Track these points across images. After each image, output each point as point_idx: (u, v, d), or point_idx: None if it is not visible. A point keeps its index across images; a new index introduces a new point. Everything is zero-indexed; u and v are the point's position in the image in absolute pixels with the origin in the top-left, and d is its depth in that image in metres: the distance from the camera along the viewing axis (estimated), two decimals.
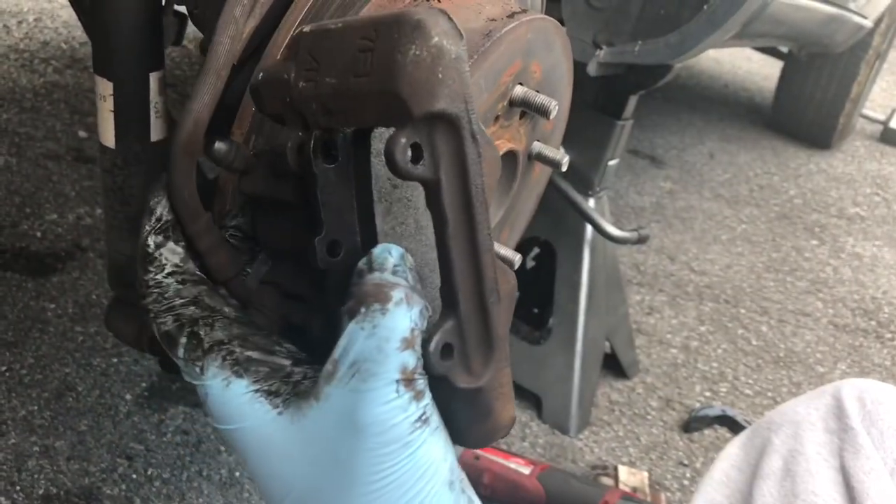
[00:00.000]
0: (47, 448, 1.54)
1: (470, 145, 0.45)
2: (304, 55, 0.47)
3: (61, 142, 2.53)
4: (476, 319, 0.47)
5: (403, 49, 0.41)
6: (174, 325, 0.51)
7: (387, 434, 0.43)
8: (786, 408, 1.08)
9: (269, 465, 0.46)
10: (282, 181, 0.52)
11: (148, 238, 0.54)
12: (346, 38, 0.44)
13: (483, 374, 0.48)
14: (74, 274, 1.99)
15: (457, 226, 0.45)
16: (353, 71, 0.43)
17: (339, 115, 0.45)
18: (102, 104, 0.79)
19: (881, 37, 3.76)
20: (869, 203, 3.59)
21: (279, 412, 0.46)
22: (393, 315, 0.43)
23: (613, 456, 1.87)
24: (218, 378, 0.48)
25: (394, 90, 0.41)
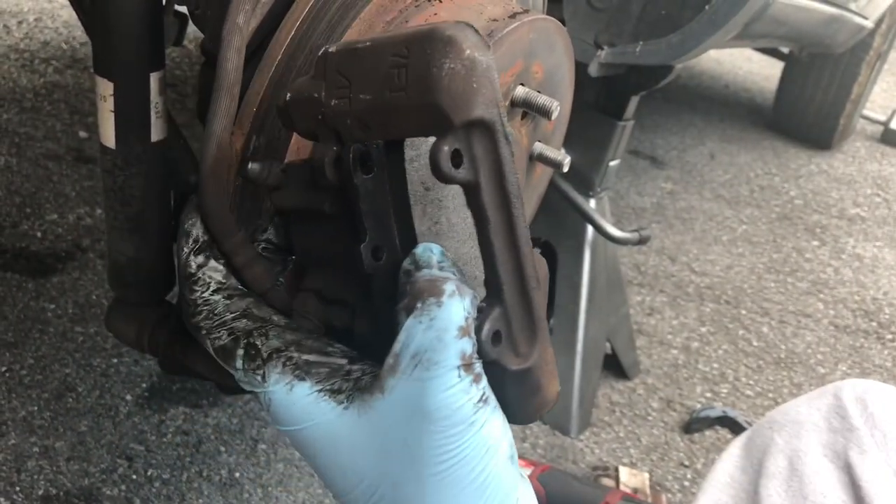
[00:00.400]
0: (47, 449, 1.54)
1: (504, 147, 0.48)
2: (333, 74, 0.50)
3: (61, 142, 2.53)
4: (520, 306, 0.51)
5: (439, 63, 0.44)
6: (229, 338, 0.53)
7: (453, 416, 0.46)
8: (787, 408, 1.07)
9: (339, 459, 0.49)
10: (318, 193, 0.55)
11: (189, 259, 0.57)
12: (377, 56, 0.47)
13: (530, 355, 0.51)
14: (74, 274, 1.98)
15: (497, 222, 0.49)
16: (388, 86, 0.46)
17: (377, 128, 0.48)
18: (103, 104, 0.79)
19: (882, 37, 3.76)
20: (870, 204, 3.59)
21: (345, 408, 0.48)
22: (448, 307, 0.46)
23: (614, 457, 1.87)
24: (281, 383, 0.50)
25: (433, 102, 0.45)
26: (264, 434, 1.69)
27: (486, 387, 0.48)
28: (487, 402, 0.48)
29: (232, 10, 0.61)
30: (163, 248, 0.88)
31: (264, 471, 1.62)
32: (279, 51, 0.65)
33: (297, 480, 1.61)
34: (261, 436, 1.69)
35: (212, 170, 0.57)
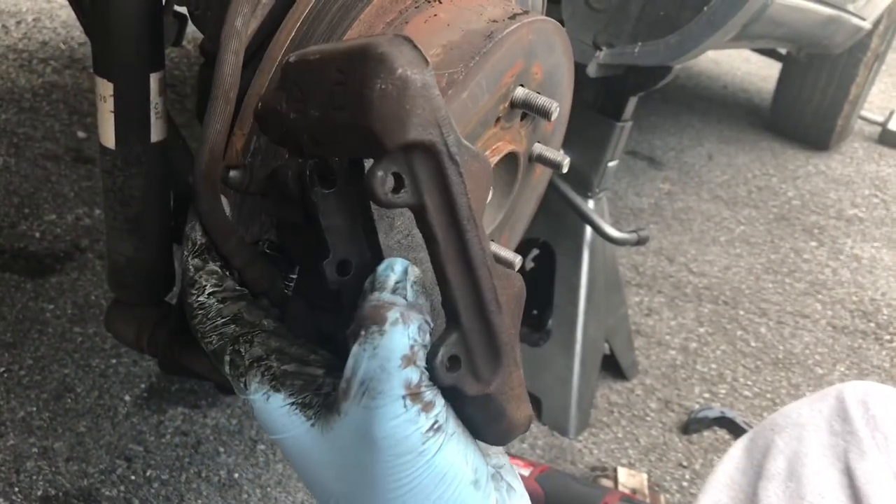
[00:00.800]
0: (46, 449, 1.54)
1: (450, 166, 0.46)
2: (291, 86, 0.49)
3: (60, 142, 2.53)
4: (479, 330, 0.49)
5: (370, 84, 0.43)
6: (219, 343, 0.54)
7: (399, 446, 0.45)
8: (789, 410, 1.08)
9: (311, 472, 0.50)
10: (290, 205, 0.55)
11: (188, 263, 0.57)
12: (323, 70, 0.46)
13: (492, 380, 0.50)
14: (73, 275, 1.98)
15: (447, 244, 0.47)
16: (331, 104, 0.45)
17: (327, 146, 0.47)
18: (103, 105, 0.78)
19: (879, 38, 3.76)
20: (867, 205, 3.59)
21: (312, 424, 0.49)
22: (390, 335, 0.45)
23: (613, 457, 1.87)
24: (259, 393, 0.51)
25: (366, 125, 0.43)
26: (263, 435, 1.69)
27: (439, 413, 0.47)
28: (441, 430, 0.47)
29: (230, 14, 0.61)
30: (162, 248, 0.88)
31: (263, 471, 1.62)
32: (279, 52, 0.65)
33: (295, 481, 1.61)
34: (259, 436, 1.69)
35: (206, 174, 0.57)
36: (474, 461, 0.49)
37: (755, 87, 4.86)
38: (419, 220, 0.47)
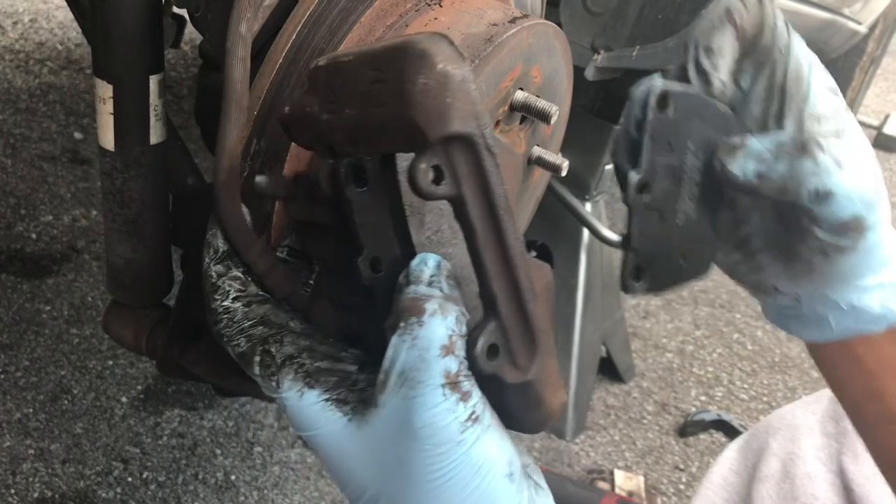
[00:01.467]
0: (42, 451, 1.53)
1: (487, 158, 0.48)
2: (324, 89, 0.50)
3: (56, 143, 2.52)
4: (516, 318, 0.50)
5: (412, 79, 0.44)
6: (247, 345, 0.54)
7: (438, 435, 0.46)
8: (783, 412, 1.08)
9: (345, 468, 0.51)
10: (320, 206, 0.56)
11: (210, 269, 0.58)
12: (358, 70, 0.47)
13: (530, 368, 0.51)
14: (70, 276, 1.98)
15: (485, 235, 0.49)
16: (369, 102, 0.46)
17: (363, 144, 0.48)
18: (102, 106, 0.78)
19: (875, 42, 3.77)
20: None
21: (349, 419, 0.50)
22: (429, 326, 0.46)
23: (609, 460, 1.87)
24: (293, 390, 0.52)
25: (409, 119, 0.45)
26: (260, 437, 1.69)
27: (477, 404, 0.48)
28: (478, 421, 0.48)
29: (234, 20, 0.61)
30: (161, 250, 0.88)
31: (260, 474, 1.62)
32: (279, 55, 0.66)
33: (292, 483, 1.61)
34: (256, 438, 1.69)
35: (226, 183, 0.58)
36: (509, 454, 0.50)
37: None
38: (457, 212, 0.48)
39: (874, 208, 0.57)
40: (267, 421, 1.73)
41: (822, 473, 0.98)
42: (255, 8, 0.62)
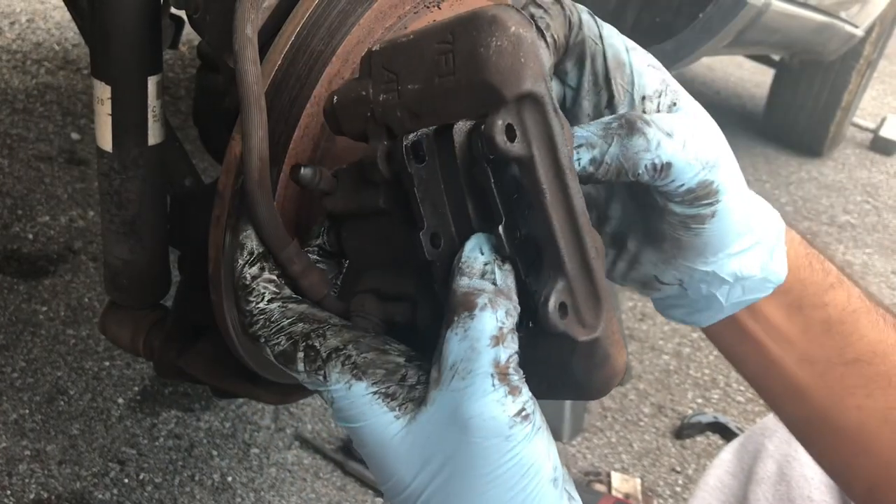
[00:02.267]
0: (38, 452, 1.53)
1: (554, 119, 0.49)
2: (379, 70, 0.51)
3: (53, 143, 2.52)
4: (582, 276, 0.51)
5: (486, 42, 0.46)
6: (288, 343, 0.54)
7: (487, 427, 0.46)
8: None
9: (387, 463, 0.50)
10: (371, 191, 0.56)
11: (243, 271, 0.57)
12: (421, 45, 0.49)
13: (597, 325, 0.51)
14: (66, 277, 1.98)
15: (553, 195, 0.50)
16: (436, 73, 0.48)
17: (428, 115, 0.50)
18: (100, 107, 0.79)
19: (872, 46, 3.79)
20: (859, 211, 3.61)
21: (396, 416, 0.50)
22: (480, 318, 0.47)
23: (606, 462, 1.87)
24: (341, 382, 0.51)
25: (483, 79, 0.47)
26: (257, 438, 1.69)
27: (527, 402, 0.48)
28: (528, 420, 0.48)
29: (239, 23, 0.60)
30: (158, 252, 0.88)
31: (257, 475, 1.62)
32: (279, 57, 0.66)
33: (289, 485, 1.61)
34: (253, 440, 1.69)
35: (259, 182, 0.57)
36: (555, 459, 0.49)
37: (748, 93, 4.88)
38: (526, 172, 0.49)
39: (716, 168, 0.58)
40: (264, 422, 1.73)
41: (817, 475, 0.98)
42: (257, 9, 0.62)
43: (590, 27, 0.60)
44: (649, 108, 0.60)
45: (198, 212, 0.85)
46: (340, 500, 1.61)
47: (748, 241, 0.62)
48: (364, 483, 1.64)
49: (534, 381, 0.50)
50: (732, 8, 1.39)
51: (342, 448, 1.70)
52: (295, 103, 0.66)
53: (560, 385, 0.52)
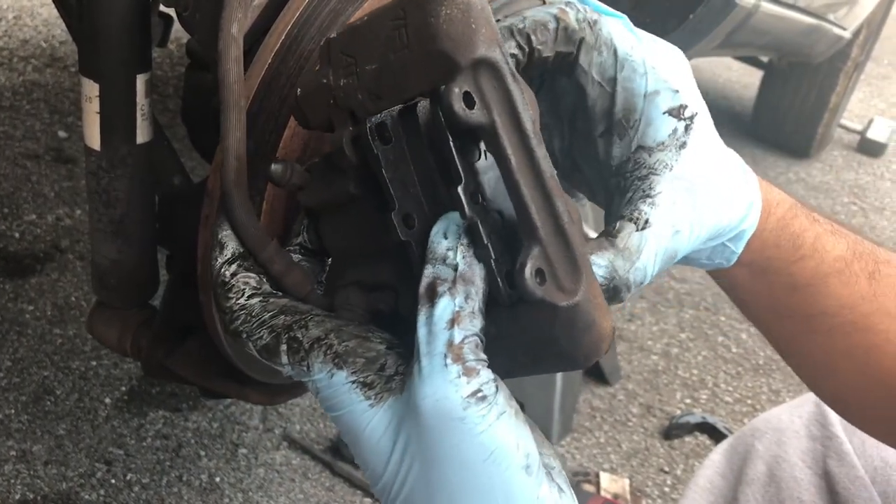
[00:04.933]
0: (24, 452, 1.52)
1: (513, 84, 0.49)
2: (337, 56, 0.51)
3: (41, 141, 2.50)
4: (557, 241, 0.50)
5: (435, 12, 0.46)
6: (270, 336, 0.54)
7: (438, 406, 0.46)
8: (769, 415, 1.09)
9: (363, 452, 0.51)
10: (341, 179, 0.56)
11: (222, 269, 0.57)
12: (375, 25, 0.49)
13: (577, 290, 0.50)
14: (53, 275, 1.96)
15: (519, 160, 0.49)
16: (391, 49, 0.48)
17: (388, 93, 0.49)
18: (88, 105, 0.78)
19: (859, 48, 3.81)
20: (846, 212, 3.63)
21: (370, 405, 0.50)
22: (438, 305, 0.48)
23: (595, 462, 1.88)
24: (323, 372, 0.51)
25: (437, 49, 0.46)
26: (245, 438, 1.69)
27: (485, 384, 0.47)
28: (485, 401, 0.47)
29: (225, 21, 0.60)
30: (147, 251, 0.87)
31: (245, 476, 1.61)
32: (269, 55, 0.65)
33: (277, 485, 1.61)
34: (241, 440, 1.68)
35: (235, 182, 0.57)
36: (526, 447, 0.49)
37: (736, 95, 4.90)
38: (489, 140, 0.49)
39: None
40: (252, 423, 1.72)
41: (807, 477, 0.98)
42: (245, 8, 0.62)
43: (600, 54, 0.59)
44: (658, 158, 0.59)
45: (186, 211, 0.84)
46: (329, 501, 1.60)
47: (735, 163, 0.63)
48: (353, 483, 1.64)
49: (518, 356, 0.50)
50: (722, 9, 1.40)
51: (331, 448, 1.69)
52: (285, 103, 0.66)
53: (546, 357, 0.52)
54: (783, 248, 0.66)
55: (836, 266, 0.67)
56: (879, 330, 0.67)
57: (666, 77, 0.58)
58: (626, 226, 0.55)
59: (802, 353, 0.74)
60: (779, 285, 0.67)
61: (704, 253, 0.63)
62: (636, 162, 0.57)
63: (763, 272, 0.67)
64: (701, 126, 0.59)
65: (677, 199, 0.56)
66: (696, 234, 0.58)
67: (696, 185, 0.58)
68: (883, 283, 0.67)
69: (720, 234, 0.61)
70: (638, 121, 0.57)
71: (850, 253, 0.67)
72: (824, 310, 0.67)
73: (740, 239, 0.63)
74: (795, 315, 0.69)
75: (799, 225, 0.66)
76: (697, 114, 0.59)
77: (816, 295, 0.67)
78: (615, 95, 0.58)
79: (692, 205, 0.57)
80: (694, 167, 0.58)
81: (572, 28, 0.57)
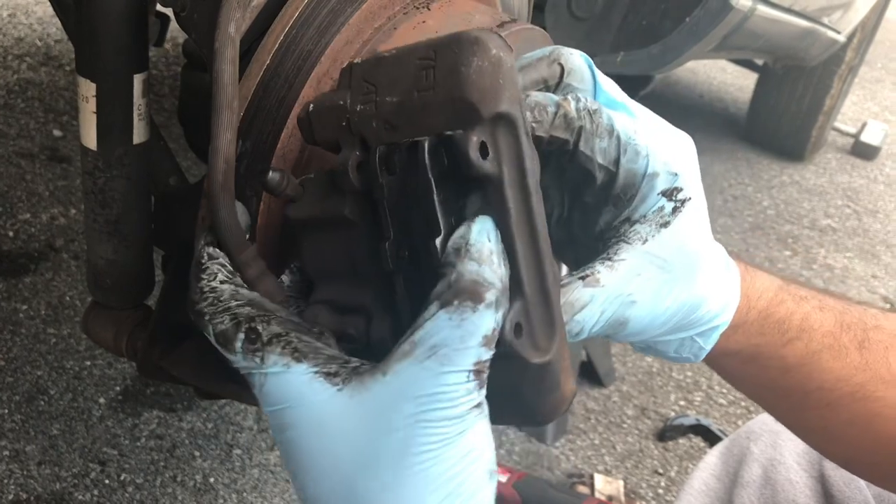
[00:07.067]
0: (18, 452, 1.51)
1: (525, 142, 0.51)
2: (359, 82, 0.53)
3: (35, 140, 2.50)
4: (539, 300, 0.51)
5: (467, 61, 0.48)
6: (231, 323, 0.53)
7: (448, 410, 0.47)
8: (765, 417, 1.09)
9: (320, 442, 0.49)
10: (336, 199, 0.56)
11: (202, 250, 0.57)
12: (403, 61, 0.51)
13: (549, 349, 0.51)
14: (47, 275, 1.96)
15: (518, 215, 0.51)
16: (415, 87, 0.50)
17: (404, 127, 0.51)
18: (84, 105, 0.78)
19: (854, 51, 3.82)
20: (840, 215, 3.64)
21: (339, 389, 0.49)
22: (482, 314, 0.47)
23: (589, 464, 1.88)
24: (278, 364, 0.50)
25: (462, 96, 0.49)
26: (239, 439, 1.68)
27: (484, 395, 0.48)
28: (481, 409, 0.48)
29: (222, 20, 0.60)
30: (142, 251, 0.87)
31: (239, 476, 1.60)
32: (267, 56, 0.65)
33: (272, 486, 1.60)
34: (236, 441, 1.68)
35: (223, 184, 0.57)
36: (492, 453, 0.50)
37: (731, 97, 4.91)
38: (494, 191, 0.50)
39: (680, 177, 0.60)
40: (246, 423, 1.72)
41: (803, 479, 0.98)
42: (243, 8, 0.62)
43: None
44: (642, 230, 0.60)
45: (182, 211, 0.84)
46: None
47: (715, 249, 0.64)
48: None
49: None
50: (719, 12, 1.40)
51: None
52: (283, 103, 0.66)
53: (508, 408, 0.52)
54: (769, 335, 0.68)
55: (825, 342, 0.69)
56: (877, 397, 0.69)
57: (666, 160, 0.60)
58: (574, 281, 0.57)
59: (806, 426, 0.76)
60: (771, 368, 0.69)
61: (672, 346, 0.65)
62: (615, 230, 0.60)
63: (753, 358, 0.68)
64: (691, 212, 0.60)
65: (644, 273, 0.58)
66: (658, 313, 0.59)
67: (672, 267, 0.59)
68: (874, 351, 0.69)
69: (689, 326, 0.63)
70: (634, 196, 0.59)
71: (839, 326, 0.69)
72: (820, 385, 0.69)
73: (710, 335, 0.65)
74: (793, 393, 0.70)
75: (785, 310, 0.68)
76: (690, 199, 0.60)
77: (810, 372, 0.69)
78: (618, 175, 0.60)
79: (662, 282, 0.59)
80: (672, 249, 0.59)
81: (571, 116, 0.58)
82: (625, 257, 0.58)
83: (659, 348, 0.65)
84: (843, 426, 0.71)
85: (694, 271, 0.60)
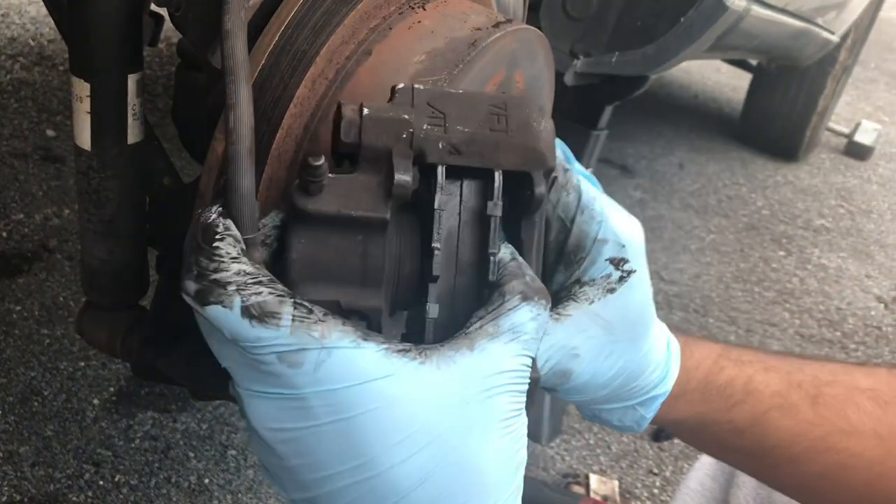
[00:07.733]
0: (11, 454, 1.51)
1: (548, 195, 0.61)
2: (424, 106, 0.58)
3: (28, 140, 2.49)
4: None
5: (537, 121, 0.59)
6: (271, 296, 0.48)
7: (521, 386, 0.52)
8: None
9: (410, 411, 0.48)
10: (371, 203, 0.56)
11: (217, 221, 0.52)
12: (474, 101, 0.59)
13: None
14: (41, 275, 1.95)
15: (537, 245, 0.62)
16: (487, 126, 0.58)
17: (470, 156, 0.57)
18: (79, 105, 0.77)
19: (847, 52, 3.83)
20: (834, 215, 3.65)
21: (421, 363, 0.49)
22: (544, 315, 0.54)
23: (584, 464, 1.88)
24: (346, 339, 0.48)
25: (537, 147, 0.58)
26: (234, 440, 1.68)
27: None
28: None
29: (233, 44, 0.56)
30: (137, 252, 0.86)
31: (234, 477, 1.60)
32: (262, 56, 0.65)
33: (267, 487, 1.60)
34: (230, 441, 1.67)
35: (249, 150, 0.54)
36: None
37: (725, 98, 4.92)
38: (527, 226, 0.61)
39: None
40: (241, 424, 1.71)
41: None
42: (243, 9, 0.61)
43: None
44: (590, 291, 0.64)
45: (177, 211, 0.84)
46: None
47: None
48: None
49: None
50: (713, 13, 1.40)
51: None
52: (278, 104, 0.66)
53: None
54: (713, 401, 0.70)
55: (774, 402, 0.71)
56: (840, 448, 0.71)
57: (617, 231, 0.64)
58: None
59: (782, 483, 0.78)
60: (723, 432, 0.72)
61: (616, 414, 0.69)
62: (567, 290, 0.63)
63: (701, 425, 0.72)
64: (637, 284, 0.63)
65: (589, 331, 0.62)
66: (600, 371, 0.63)
67: (615, 330, 0.63)
68: (829, 406, 0.71)
69: (630, 395, 0.67)
70: (583, 259, 0.63)
71: (786, 385, 0.71)
72: (777, 443, 0.71)
73: (650, 405, 0.68)
74: (753, 452, 0.73)
75: (726, 376, 0.71)
76: (635, 272, 0.64)
77: (764, 431, 0.71)
78: (570, 233, 0.64)
79: (605, 342, 0.63)
80: (616, 314, 0.63)
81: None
82: (572, 313, 0.62)
83: (603, 416, 0.70)
84: (815, 479, 0.73)
85: (636, 339, 0.64)
